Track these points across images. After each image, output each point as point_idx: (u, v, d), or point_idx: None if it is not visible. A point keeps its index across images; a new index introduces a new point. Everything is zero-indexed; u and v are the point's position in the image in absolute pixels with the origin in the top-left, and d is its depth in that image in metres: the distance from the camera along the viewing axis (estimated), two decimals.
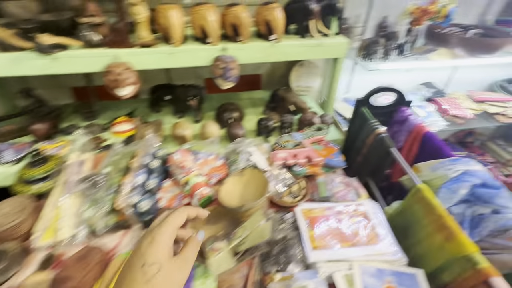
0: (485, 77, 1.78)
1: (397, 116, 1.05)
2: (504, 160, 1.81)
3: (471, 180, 0.69)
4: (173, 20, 0.85)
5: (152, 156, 0.90)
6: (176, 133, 1.05)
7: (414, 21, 1.06)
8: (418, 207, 0.67)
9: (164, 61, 0.92)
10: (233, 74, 0.93)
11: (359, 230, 0.69)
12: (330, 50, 1.00)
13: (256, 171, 0.83)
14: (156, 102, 1.31)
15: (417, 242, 0.66)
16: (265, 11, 0.91)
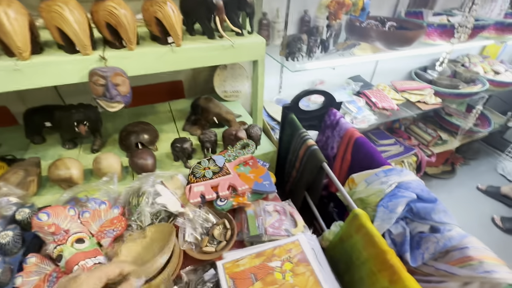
0: (403, 66, 1.88)
1: (328, 119, 0.97)
2: (426, 141, 1.96)
3: (406, 194, 0.61)
4: (7, 22, 0.57)
5: (6, 222, 0.62)
6: (57, 175, 0.77)
7: (332, 15, 0.97)
8: (358, 238, 0.57)
9: (7, 82, 0.63)
10: (120, 92, 0.70)
11: (295, 281, 0.55)
12: (245, 52, 0.85)
13: (162, 226, 0.64)
14: (34, 130, 0.98)
15: (360, 280, 0.56)
16: (152, 7, 0.70)
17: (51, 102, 1.01)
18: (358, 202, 0.69)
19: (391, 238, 0.63)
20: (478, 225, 1.87)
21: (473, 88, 1.62)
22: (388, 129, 2.07)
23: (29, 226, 0.63)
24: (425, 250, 0.57)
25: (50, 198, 0.80)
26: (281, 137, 1.02)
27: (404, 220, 0.63)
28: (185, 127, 1.12)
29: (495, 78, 1.72)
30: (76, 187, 0.75)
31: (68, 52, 0.68)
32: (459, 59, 2.01)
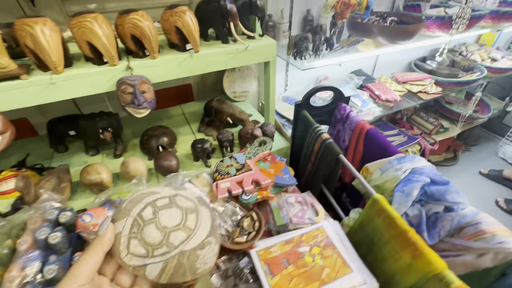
0: (403, 58, 1.93)
1: (338, 114, 1.01)
2: (428, 130, 2.01)
3: (420, 178, 0.66)
4: (44, 39, 0.62)
5: (52, 225, 0.66)
6: (88, 180, 0.82)
7: (339, 15, 1.02)
8: (379, 221, 0.62)
9: (44, 95, 0.68)
10: (147, 98, 0.75)
11: (324, 262, 0.60)
12: (258, 54, 0.89)
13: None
14: (58, 140, 1.02)
15: (383, 259, 0.61)
16: (172, 17, 0.74)
17: (68, 112, 1.06)
18: (375, 189, 0.73)
19: (408, 220, 0.68)
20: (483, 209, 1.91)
21: (472, 75, 1.67)
22: (391, 121, 2.12)
23: (72, 227, 0.68)
24: (441, 228, 0.62)
25: (83, 202, 0.84)
26: (294, 133, 1.07)
27: (419, 203, 0.68)
28: (200, 129, 1.16)
29: (492, 65, 1.77)
30: (109, 190, 0.79)
31: (96, 64, 0.73)
32: (457, 48, 2.05)
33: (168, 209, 0.34)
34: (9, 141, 0.68)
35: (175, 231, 0.32)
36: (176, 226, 0.33)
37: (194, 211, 0.35)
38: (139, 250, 0.30)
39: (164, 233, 0.32)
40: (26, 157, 1.00)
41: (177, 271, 0.30)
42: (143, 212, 0.33)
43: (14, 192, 0.85)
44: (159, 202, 0.34)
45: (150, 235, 0.31)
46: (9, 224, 0.66)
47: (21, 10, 0.93)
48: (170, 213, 0.33)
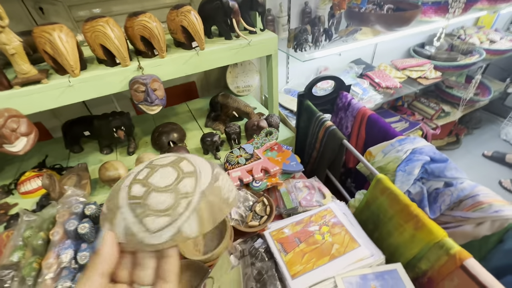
0: (402, 45, 1.95)
1: (340, 102, 1.05)
2: (429, 115, 2.03)
3: (420, 158, 0.70)
4: (61, 45, 0.66)
5: (79, 217, 0.71)
6: (107, 176, 0.87)
7: (336, 6, 1.05)
8: (383, 199, 0.66)
9: (63, 97, 0.72)
10: (158, 96, 0.79)
11: (333, 239, 0.65)
12: (260, 49, 0.93)
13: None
14: (73, 141, 1.07)
15: (388, 234, 0.65)
16: (178, 16, 0.78)
17: (79, 114, 1.11)
18: (378, 170, 0.78)
19: (411, 198, 0.72)
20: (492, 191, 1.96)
21: (471, 58, 1.68)
22: (392, 108, 2.14)
23: (97, 219, 0.73)
24: (442, 202, 0.66)
25: (103, 197, 0.90)
26: (298, 123, 1.11)
27: (420, 181, 0.72)
28: (207, 124, 1.21)
29: (491, 47, 1.79)
30: None
31: (109, 66, 0.77)
32: (455, 32, 2.06)
33: (153, 175, 0.28)
34: (34, 143, 0.73)
35: (179, 182, 0.28)
36: (176, 178, 0.28)
37: (181, 160, 0.30)
38: (161, 221, 0.26)
39: (171, 190, 0.27)
40: (45, 158, 1.05)
41: (212, 210, 0.27)
42: (132, 192, 0.27)
43: (38, 191, 0.91)
44: (139, 176, 0.29)
45: (159, 202, 0.26)
46: (39, 218, 0.71)
47: (31, 18, 0.97)
48: (160, 175, 0.28)
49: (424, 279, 0.57)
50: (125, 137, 1.00)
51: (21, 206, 0.89)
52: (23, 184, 0.90)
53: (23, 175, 0.93)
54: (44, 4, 0.96)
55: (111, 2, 1.05)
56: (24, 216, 0.70)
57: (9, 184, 0.96)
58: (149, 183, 0.27)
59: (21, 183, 0.90)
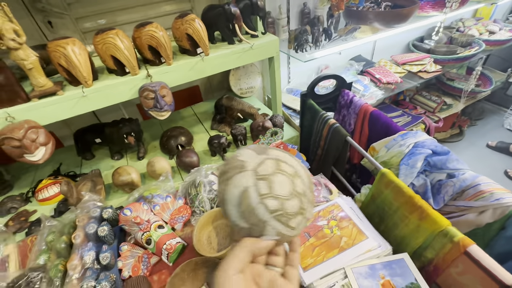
0: (401, 40, 1.96)
1: (342, 100, 1.08)
2: (432, 108, 2.04)
3: (422, 151, 0.73)
4: (75, 58, 0.70)
5: (97, 221, 0.75)
6: (120, 181, 0.91)
7: (335, 7, 1.07)
8: (388, 192, 0.68)
9: (77, 107, 0.76)
10: (167, 102, 0.82)
11: (341, 232, 0.67)
12: (262, 51, 0.96)
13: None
14: (85, 148, 1.11)
15: (394, 225, 0.68)
16: (183, 25, 0.81)
17: (88, 122, 1.15)
18: (382, 164, 0.80)
19: (415, 190, 0.75)
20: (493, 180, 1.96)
21: (470, 50, 1.69)
22: (394, 102, 2.16)
23: (115, 222, 0.77)
24: (445, 193, 0.69)
25: (118, 201, 0.93)
26: (302, 122, 1.14)
27: (423, 173, 0.74)
28: (213, 126, 1.24)
29: (490, 38, 1.79)
30: (140, 188, 0.88)
31: (119, 75, 0.81)
32: (454, 24, 2.07)
33: (273, 187, 0.31)
34: (52, 151, 0.77)
35: (294, 186, 0.32)
36: (291, 183, 0.32)
37: (278, 164, 0.33)
38: (298, 219, 0.32)
39: (294, 194, 0.32)
40: (60, 166, 1.09)
41: (312, 192, 0.35)
42: (271, 207, 0.30)
43: (55, 198, 0.95)
44: (262, 190, 0.31)
45: (292, 206, 0.31)
46: (60, 223, 0.75)
47: (41, 33, 1.01)
48: (278, 185, 0.31)
49: (430, 267, 0.59)
50: (135, 142, 1.03)
51: (39, 212, 0.93)
52: (40, 192, 0.94)
53: (40, 183, 0.97)
54: (53, 18, 1.00)
55: (116, 12, 1.08)
56: (46, 221, 0.74)
57: (26, 192, 1.00)
58: (278, 196, 0.31)
59: (38, 191, 0.94)
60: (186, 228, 0.79)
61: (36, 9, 0.96)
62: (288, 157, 0.35)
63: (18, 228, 0.85)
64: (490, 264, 0.48)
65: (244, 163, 0.32)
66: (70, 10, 1.01)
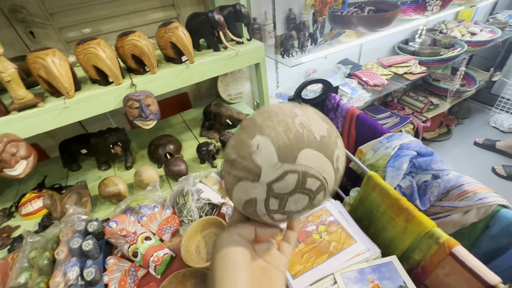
0: (386, 42, 2.00)
1: (329, 103, 1.08)
2: (419, 109, 2.08)
3: (407, 153, 0.73)
4: (55, 69, 0.68)
5: (82, 235, 0.73)
6: (107, 192, 0.89)
7: (318, 12, 1.09)
8: (375, 195, 0.69)
9: (59, 119, 0.74)
10: (152, 111, 0.82)
11: (330, 237, 0.67)
12: (248, 58, 0.96)
13: (210, 219, 0.75)
14: (71, 159, 1.09)
15: (383, 228, 0.68)
16: (166, 33, 0.81)
17: (75, 133, 1.13)
18: (369, 167, 0.81)
19: (402, 192, 0.75)
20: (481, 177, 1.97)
21: (453, 52, 1.74)
22: (382, 104, 2.19)
23: (100, 235, 0.75)
24: (431, 194, 0.69)
25: (104, 213, 0.91)
26: None
27: (409, 175, 0.75)
28: (202, 133, 1.23)
29: (472, 39, 1.85)
30: (127, 199, 0.86)
31: (102, 85, 0.80)
32: (437, 27, 2.13)
33: (286, 204, 0.26)
34: (33, 165, 0.75)
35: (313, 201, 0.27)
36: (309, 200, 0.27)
37: (304, 178, 0.25)
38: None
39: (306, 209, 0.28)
40: (45, 179, 1.06)
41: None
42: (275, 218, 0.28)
43: (39, 212, 0.92)
44: (272, 207, 0.26)
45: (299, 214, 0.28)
46: (43, 239, 0.73)
47: (22, 43, 1.00)
48: (293, 203, 0.26)
49: (418, 269, 0.60)
50: (122, 152, 1.02)
51: (23, 228, 0.90)
52: (24, 206, 0.91)
53: (24, 197, 0.94)
54: (35, 28, 0.99)
55: (100, 21, 1.07)
56: (28, 237, 0.72)
57: (10, 207, 0.97)
58: (288, 211, 0.27)
59: (22, 205, 0.91)
60: (174, 239, 0.78)
61: (16, 19, 0.94)
62: (322, 161, 0.25)
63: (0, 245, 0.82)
64: (474, 265, 0.48)
65: (259, 171, 0.24)
66: (53, 20, 0.99)
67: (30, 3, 0.93)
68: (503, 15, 2.18)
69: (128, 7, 1.09)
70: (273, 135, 0.24)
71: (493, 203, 0.58)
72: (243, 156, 0.25)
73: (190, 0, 1.19)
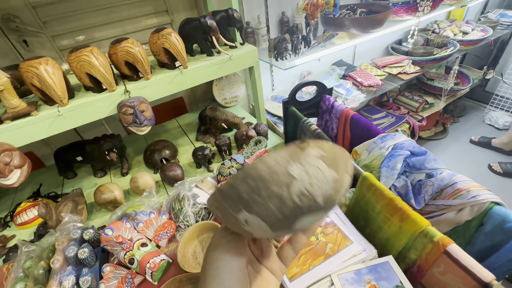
0: (380, 43, 2.02)
1: (324, 105, 1.09)
2: (414, 108, 2.09)
3: (401, 152, 0.74)
4: (48, 77, 0.69)
5: (78, 243, 0.73)
6: (103, 199, 0.88)
7: (310, 15, 1.10)
8: (370, 195, 0.69)
9: (53, 127, 0.74)
10: (147, 116, 0.82)
11: (326, 239, 0.67)
12: (241, 62, 0.97)
13: (206, 224, 0.75)
14: (66, 167, 1.09)
15: (378, 228, 0.68)
16: (159, 39, 0.81)
17: (70, 140, 1.12)
18: (364, 168, 0.81)
19: (397, 192, 0.76)
20: (477, 175, 2.01)
21: (446, 51, 1.75)
22: (378, 104, 2.20)
23: (96, 243, 0.75)
24: (425, 193, 0.70)
25: (101, 220, 0.91)
26: (285, 128, 1.14)
27: (404, 174, 0.76)
28: (198, 138, 1.23)
29: (464, 38, 1.87)
30: (123, 206, 0.86)
31: (96, 92, 0.80)
32: (429, 26, 2.15)
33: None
34: (28, 174, 0.74)
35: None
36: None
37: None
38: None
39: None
40: (40, 187, 1.06)
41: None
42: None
43: (34, 221, 0.91)
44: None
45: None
46: (39, 248, 0.72)
47: (16, 52, 1.00)
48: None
49: (414, 268, 0.60)
50: (118, 158, 1.02)
51: (18, 237, 0.89)
52: (19, 215, 0.90)
53: (19, 206, 0.94)
54: (28, 36, 0.99)
55: (93, 28, 1.08)
56: (23, 247, 0.71)
57: (4, 216, 0.96)
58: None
59: (17, 215, 0.91)
60: (171, 244, 0.77)
61: (9, 28, 0.94)
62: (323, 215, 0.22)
63: None
64: (468, 263, 0.48)
65: (252, 233, 0.22)
66: (46, 28, 1.00)
67: (23, 12, 0.94)
68: (494, 14, 2.21)
69: (122, 13, 1.09)
70: (264, 214, 0.20)
71: (486, 200, 0.58)
72: (231, 223, 0.22)
73: (183, 6, 1.20)
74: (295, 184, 0.19)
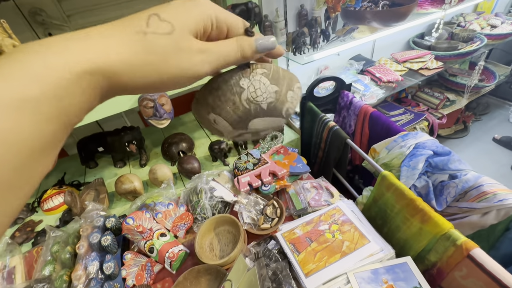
0: (401, 37, 1.95)
1: (342, 101, 1.07)
2: (434, 105, 2.02)
3: (424, 152, 0.72)
4: None
5: (101, 230, 0.76)
6: (123, 189, 0.92)
7: (331, 9, 1.07)
8: (389, 195, 0.68)
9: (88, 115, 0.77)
10: (166, 110, 0.83)
11: (343, 237, 0.67)
12: None
13: (223, 217, 0.76)
14: (88, 157, 1.13)
15: (396, 228, 0.67)
16: None
17: (92, 131, 1.16)
18: (383, 166, 0.80)
19: (417, 192, 0.74)
20: (499, 176, 1.93)
21: (472, 46, 1.67)
22: (396, 100, 2.14)
23: (118, 231, 0.78)
24: (447, 195, 0.68)
25: (121, 209, 0.94)
26: (302, 124, 1.13)
27: (425, 175, 0.74)
28: None
29: (492, 32, 1.77)
30: (142, 196, 0.89)
31: None
32: (454, 20, 2.05)
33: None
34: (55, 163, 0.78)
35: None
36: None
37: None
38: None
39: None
40: (64, 176, 1.10)
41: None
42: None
43: (60, 207, 0.96)
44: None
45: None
46: (65, 233, 0.76)
47: None
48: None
49: (434, 270, 0.59)
50: (137, 150, 1.04)
51: (45, 222, 0.94)
52: (46, 202, 0.95)
53: (45, 193, 0.99)
54: (53, 30, 1.02)
55: None
56: (51, 232, 0.75)
57: (32, 202, 1.02)
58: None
59: (44, 201, 0.96)
60: (188, 235, 0.79)
61: (36, 22, 0.97)
62: (270, 121, 0.29)
63: (24, 238, 0.87)
64: (493, 268, 0.47)
65: (222, 132, 0.30)
66: (70, 21, 1.02)
67: (48, 6, 0.96)
68: None
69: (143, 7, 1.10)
70: (224, 114, 0.27)
71: None
72: (206, 123, 0.30)
73: None
74: (244, 93, 0.26)
